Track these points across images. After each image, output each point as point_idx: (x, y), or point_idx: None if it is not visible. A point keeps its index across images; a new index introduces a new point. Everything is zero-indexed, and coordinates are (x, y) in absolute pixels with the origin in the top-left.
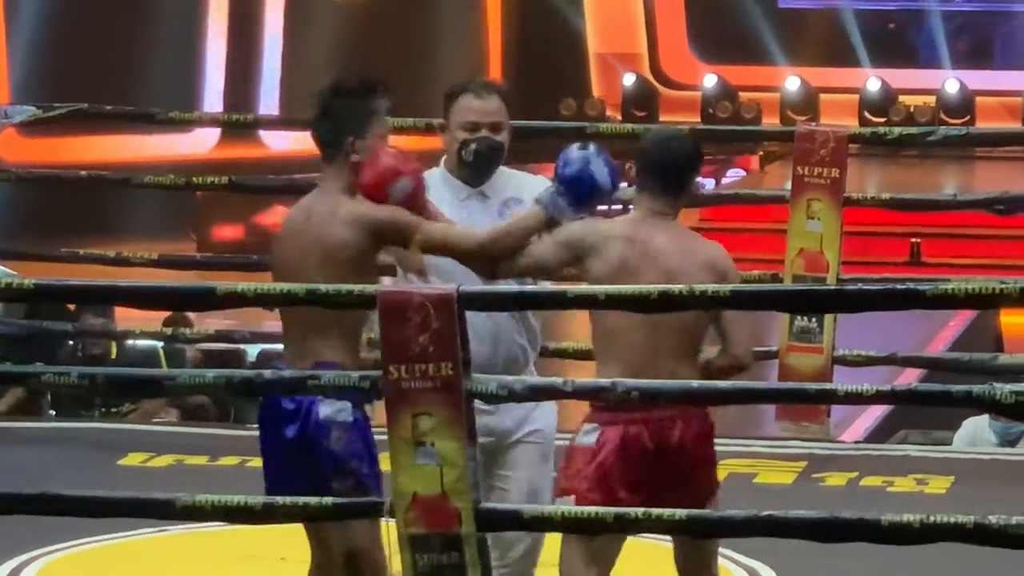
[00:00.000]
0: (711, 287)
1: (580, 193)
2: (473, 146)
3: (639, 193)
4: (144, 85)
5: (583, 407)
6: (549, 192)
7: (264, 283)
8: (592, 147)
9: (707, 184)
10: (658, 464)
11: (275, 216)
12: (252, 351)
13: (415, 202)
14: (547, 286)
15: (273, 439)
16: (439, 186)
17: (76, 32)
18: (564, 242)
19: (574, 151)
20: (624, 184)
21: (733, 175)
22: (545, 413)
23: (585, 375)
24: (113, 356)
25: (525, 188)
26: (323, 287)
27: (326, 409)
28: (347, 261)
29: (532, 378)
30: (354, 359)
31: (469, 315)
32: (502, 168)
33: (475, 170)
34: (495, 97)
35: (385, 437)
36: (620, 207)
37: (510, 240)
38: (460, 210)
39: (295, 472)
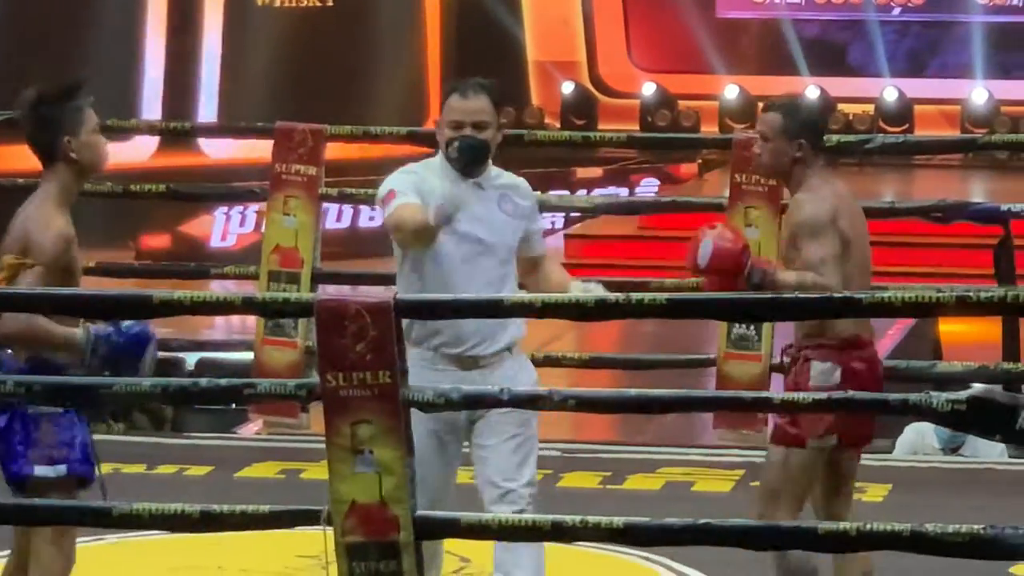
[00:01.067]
0: (647, 296)
1: (118, 351)
2: (456, 144)
3: (815, 157)
4: (82, 93)
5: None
6: (97, 335)
7: (200, 291)
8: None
9: (622, 193)
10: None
11: (202, 226)
12: (191, 359)
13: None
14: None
15: None
16: (439, 173)
17: (13, 39)
18: (834, 225)
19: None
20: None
21: (648, 184)
22: (528, 377)
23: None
24: None
25: (511, 186)
26: (259, 295)
27: None
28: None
29: (469, 387)
30: (65, 354)
31: None
32: (495, 167)
33: (460, 166)
34: (481, 97)
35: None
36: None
37: (34, 340)
38: (458, 196)
39: (5, 460)
